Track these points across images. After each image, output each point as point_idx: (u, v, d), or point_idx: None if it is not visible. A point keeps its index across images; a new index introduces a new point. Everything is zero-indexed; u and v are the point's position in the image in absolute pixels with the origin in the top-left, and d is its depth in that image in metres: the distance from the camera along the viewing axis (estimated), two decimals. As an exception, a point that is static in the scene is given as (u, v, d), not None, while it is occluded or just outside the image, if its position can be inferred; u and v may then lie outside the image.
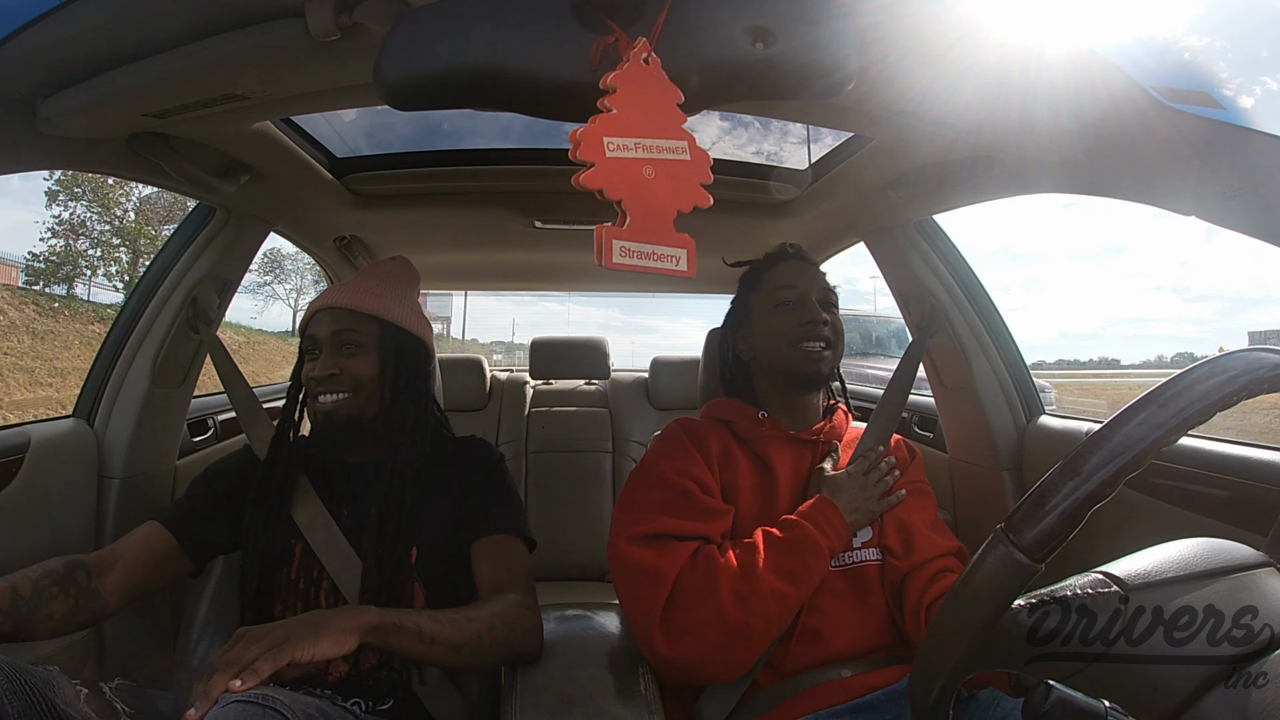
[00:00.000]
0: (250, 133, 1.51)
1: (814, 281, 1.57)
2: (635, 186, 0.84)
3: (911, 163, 1.66)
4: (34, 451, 1.65)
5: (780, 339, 1.53)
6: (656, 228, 0.85)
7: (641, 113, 0.86)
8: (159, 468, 2.01)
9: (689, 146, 0.88)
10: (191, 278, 1.91)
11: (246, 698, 1.01)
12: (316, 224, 2.41)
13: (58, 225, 24.66)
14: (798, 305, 1.54)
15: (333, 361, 1.45)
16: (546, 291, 4.25)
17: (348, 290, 1.51)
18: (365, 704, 1.37)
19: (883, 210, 2.02)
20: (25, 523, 1.62)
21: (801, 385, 1.55)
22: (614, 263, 0.82)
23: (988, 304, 2.11)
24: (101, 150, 1.35)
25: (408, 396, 1.51)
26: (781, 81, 0.95)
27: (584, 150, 0.82)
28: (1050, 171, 1.37)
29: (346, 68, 1.13)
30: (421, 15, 0.92)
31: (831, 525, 1.37)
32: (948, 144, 1.43)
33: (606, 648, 1.46)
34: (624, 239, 0.83)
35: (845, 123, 1.48)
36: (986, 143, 1.36)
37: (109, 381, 1.88)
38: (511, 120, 1.98)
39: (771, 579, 1.29)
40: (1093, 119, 1.14)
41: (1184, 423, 0.61)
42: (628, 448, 3.28)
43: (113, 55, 1.04)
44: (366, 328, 1.48)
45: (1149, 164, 1.14)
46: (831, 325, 1.53)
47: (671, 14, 0.89)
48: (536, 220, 2.39)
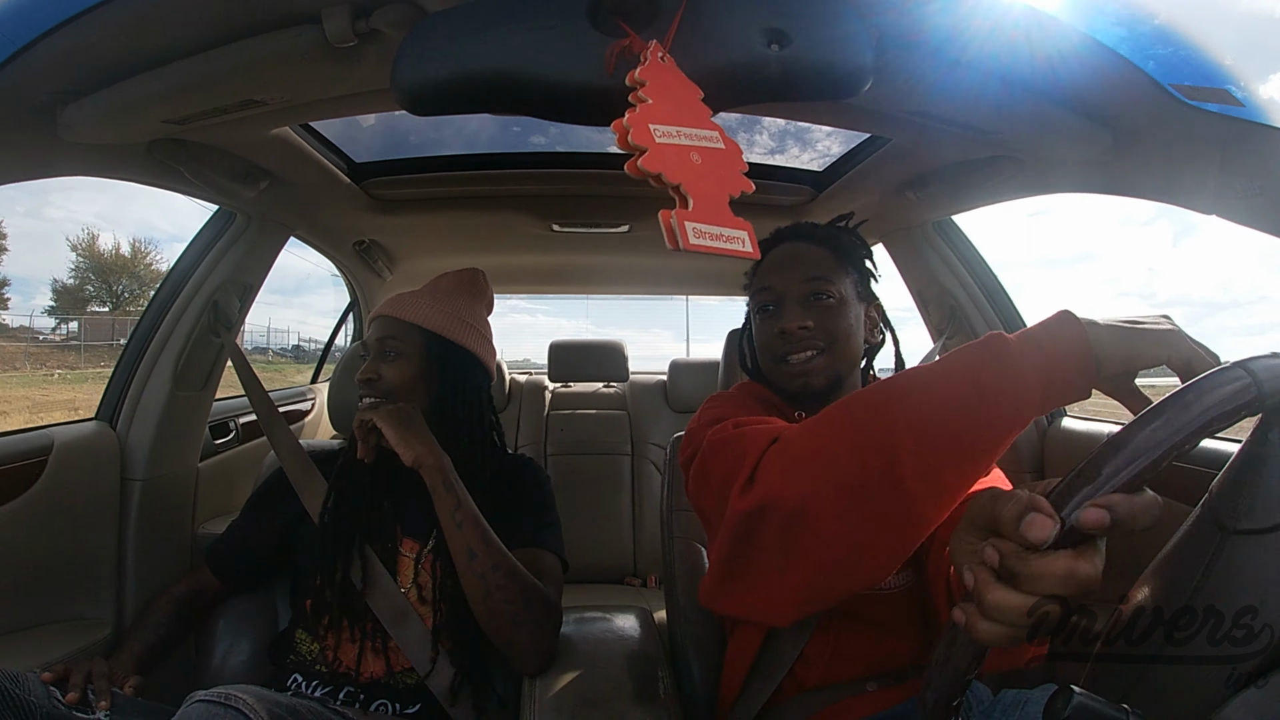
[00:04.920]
0: (269, 138, 1.52)
1: (795, 275, 1.32)
2: (689, 171, 0.83)
3: (929, 163, 1.65)
4: (57, 454, 1.68)
5: (765, 352, 1.36)
6: (716, 211, 0.84)
7: (674, 104, 0.85)
8: (181, 470, 2.03)
9: (720, 137, 0.88)
10: (212, 283, 1.93)
11: (210, 697, 1.04)
12: (336, 228, 2.44)
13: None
14: (776, 311, 1.33)
15: (374, 366, 1.49)
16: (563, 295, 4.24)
17: (399, 300, 1.54)
18: (392, 707, 1.38)
19: (900, 211, 2.01)
20: (49, 523, 1.64)
21: (800, 401, 1.34)
22: (690, 244, 0.81)
23: (1008, 304, 2.09)
24: (122, 157, 1.37)
25: (456, 405, 1.53)
26: (797, 83, 0.95)
27: (635, 136, 0.81)
28: (1070, 172, 1.36)
29: (364, 73, 1.15)
30: (437, 21, 0.93)
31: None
32: (966, 144, 1.42)
33: (625, 650, 1.45)
34: (695, 220, 0.82)
35: (862, 123, 1.47)
36: (1005, 143, 1.35)
37: (131, 385, 1.90)
38: (529, 124, 1.99)
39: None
40: (1111, 118, 1.12)
41: (1206, 425, 0.60)
42: (646, 450, 3.28)
43: (132, 62, 1.05)
44: (409, 336, 1.51)
45: (1168, 163, 1.12)
46: (821, 325, 1.29)
47: (685, 16, 0.89)
48: (554, 224, 2.41)
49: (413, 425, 1.40)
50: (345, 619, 1.41)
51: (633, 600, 2.83)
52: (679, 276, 3.52)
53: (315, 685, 1.38)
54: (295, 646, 1.45)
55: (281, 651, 1.47)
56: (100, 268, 38.04)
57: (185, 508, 2.08)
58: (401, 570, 1.45)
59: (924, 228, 2.07)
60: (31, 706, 1.11)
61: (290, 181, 1.79)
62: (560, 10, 0.91)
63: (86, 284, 38.29)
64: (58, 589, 1.69)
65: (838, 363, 1.31)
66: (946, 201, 1.83)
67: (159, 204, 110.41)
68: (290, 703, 1.14)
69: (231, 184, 1.61)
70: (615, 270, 3.33)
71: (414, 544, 1.47)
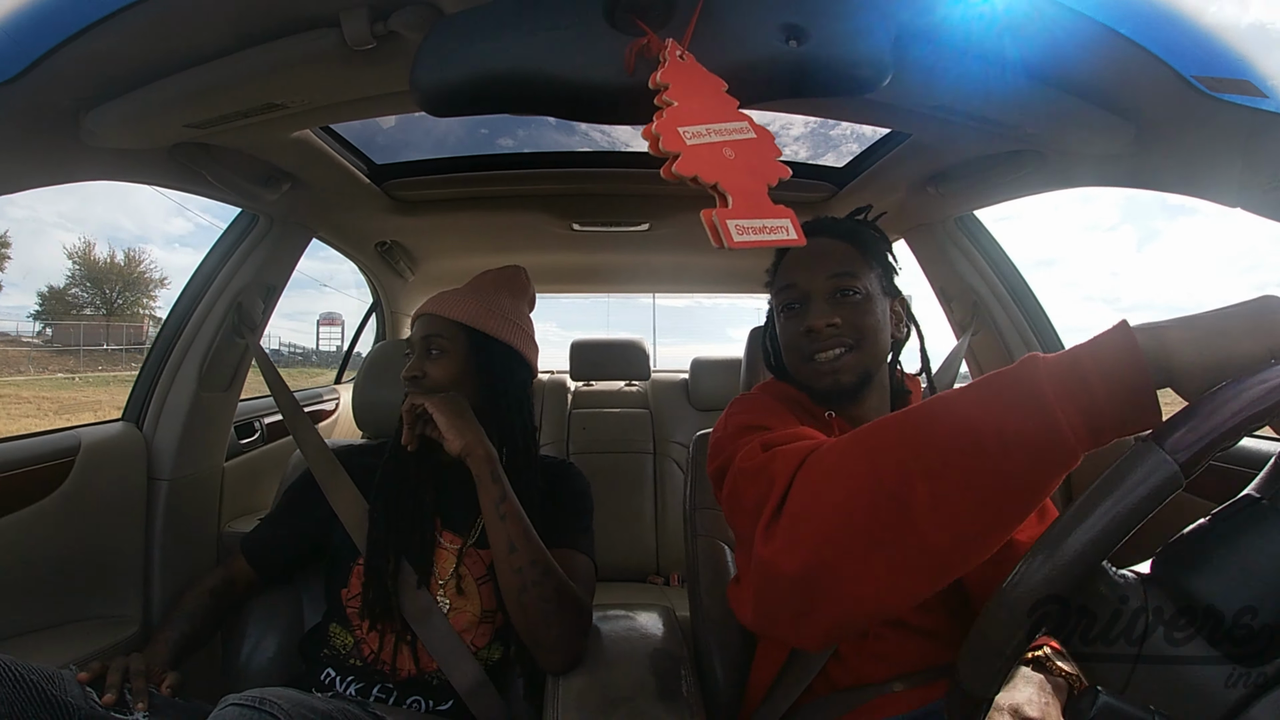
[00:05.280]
0: (290, 141, 1.53)
1: (820, 271, 1.28)
2: (723, 168, 0.83)
3: (950, 158, 1.63)
4: (84, 454, 1.70)
5: (791, 350, 1.32)
6: (756, 203, 0.83)
7: (700, 101, 0.85)
8: (207, 469, 2.05)
9: (750, 126, 0.87)
10: (236, 284, 1.95)
11: (244, 700, 1.04)
12: (357, 230, 2.45)
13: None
14: (801, 309, 1.29)
15: (419, 364, 1.51)
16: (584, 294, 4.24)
17: (442, 299, 1.56)
18: (425, 703, 1.40)
19: (922, 207, 1.99)
20: (77, 522, 1.67)
21: (830, 400, 1.30)
22: (735, 242, 0.81)
23: (1032, 300, 2.07)
24: (144, 161, 1.38)
25: (501, 401, 1.54)
26: (816, 79, 0.94)
27: (666, 143, 0.81)
28: (1093, 165, 1.34)
29: (383, 75, 1.15)
30: (455, 22, 0.93)
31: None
32: (987, 138, 1.41)
33: (649, 649, 1.45)
34: (736, 217, 0.82)
35: (881, 119, 1.45)
36: (1027, 136, 1.33)
37: (157, 386, 1.93)
38: (546, 123, 1.99)
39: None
40: (1133, 110, 1.11)
41: None
42: (669, 449, 3.27)
43: (153, 68, 1.06)
44: (453, 333, 1.52)
45: (1192, 156, 1.11)
46: (848, 322, 1.26)
47: (702, 14, 0.88)
48: (574, 223, 2.41)
49: (464, 414, 1.42)
50: (381, 614, 1.42)
51: (655, 599, 2.82)
52: (700, 274, 3.50)
53: (350, 680, 1.40)
54: (329, 640, 1.46)
55: (314, 645, 1.49)
56: (95, 276, 38.72)
57: (211, 507, 2.11)
58: (440, 563, 1.47)
59: (946, 223, 2.05)
60: (69, 707, 1.11)
61: (311, 184, 1.80)
62: (577, 10, 0.91)
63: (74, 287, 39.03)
64: (85, 587, 1.71)
65: (866, 359, 1.27)
66: (968, 197, 1.81)
67: (124, 205, 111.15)
68: (325, 706, 1.14)
69: (254, 187, 1.63)
70: (636, 269, 3.32)
71: (455, 537, 1.49)
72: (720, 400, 3.25)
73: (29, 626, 1.59)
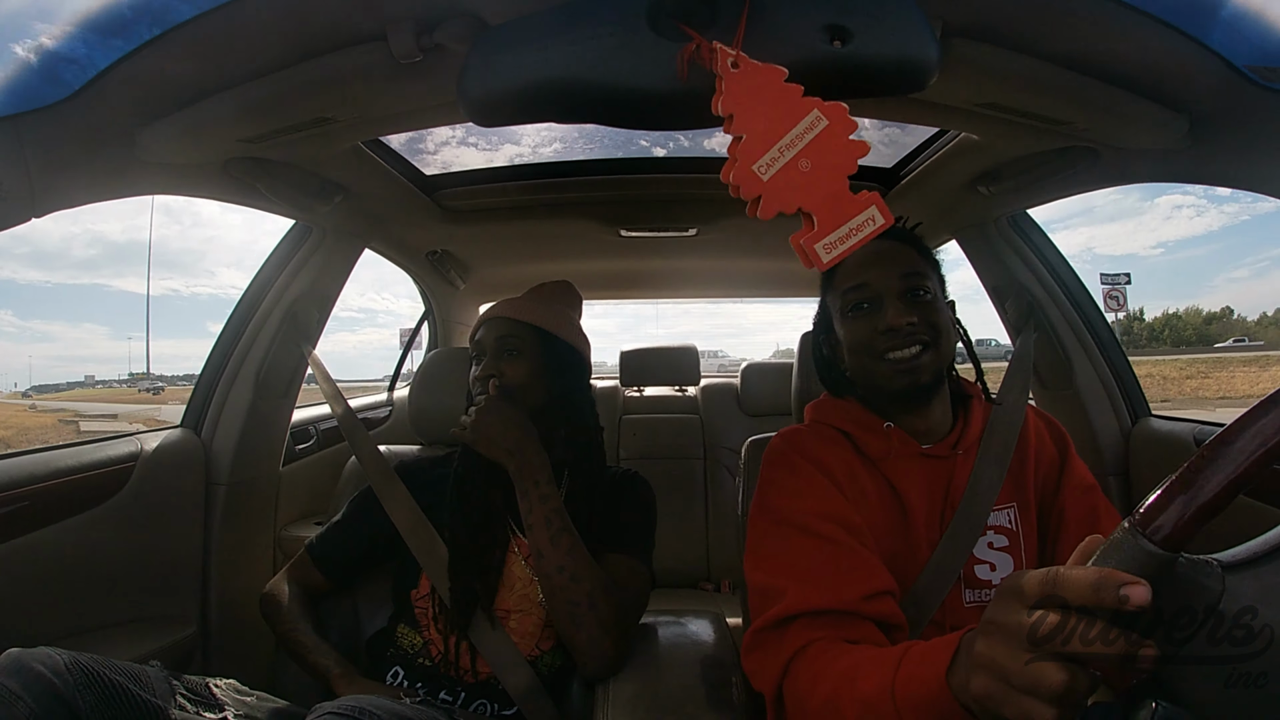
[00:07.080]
0: (341, 154, 1.56)
1: (892, 271, 1.26)
2: (803, 187, 0.83)
3: (1000, 156, 1.59)
4: (144, 459, 1.76)
5: (861, 351, 1.27)
6: (840, 207, 0.83)
7: (764, 119, 0.83)
8: (264, 474, 2.11)
9: (820, 112, 0.84)
10: (290, 294, 1.99)
11: (339, 709, 1.05)
12: (409, 240, 2.49)
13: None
14: (873, 308, 1.26)
15: (494, 364, 1.54)
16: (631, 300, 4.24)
17: (511, 303, 1.60)
18: (491, 707, 1.41)
19: (973, 206, 1.94)
20: (137, 525, 1.73)
21: (903, 401, 1.27)
22: (825, 262, 0.83)
23: (1087, 300, 2.02)
24: (199, 175, 1.41)
25: (570, 402, 1.59)
26: (862, 79, 0.92)
27: (745, 190, 0.82)
28: (1146, 160, 1.32)
29: (430, 87, 1.16)
30: (500, 33, 0.93)
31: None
32: (1037, 135, 1.37)
33: (699, 655, 1.44)
34: (821, 238, 0.82)
35: (929, 118, 1.42)
36: (1077, 132, 1.29)
37: (215, 393, 1.98)
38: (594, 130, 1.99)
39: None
40: (1185, 103, 1.07)
41: None
42: (720, 454, 3.25)
43: (207, 84, 1.09)
44: (525, 335, 1.56)
45: (1247, 148, 1.08)
46: (924, 320, 1.23)
47: (748, 17, 0.88)
48: (621, 229, 2.41)
49: (500, 425, 1.43)
50: (445, 616, 1.44)
51: (706, 605, 2.80)
52: (749, 279, 3.48)
53: (418, 681, 1.42)
54: (396, 640, 1.48)
55: (381, 644, 1.51)
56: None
57: (268, 511, 2.16)
58: (509, 566, 1.49)
59: (998, 223, 2.00)
60: (154, 709, 1.11)
61: (363, 195, 1.83)
62: (621, 17, 0.90)
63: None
64: (145, 588, 1.77)
65: (941, 359, 1.25)
66: (1020, 195, 1.76)
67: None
68: (413, 715, 1.15)
69: (307, 199, 1.66)
70: (683, 274, 3.31)
71: (524, 541, 1.49)
72: (771, 406, 3.23)
73: (93, 624, 1.65)
